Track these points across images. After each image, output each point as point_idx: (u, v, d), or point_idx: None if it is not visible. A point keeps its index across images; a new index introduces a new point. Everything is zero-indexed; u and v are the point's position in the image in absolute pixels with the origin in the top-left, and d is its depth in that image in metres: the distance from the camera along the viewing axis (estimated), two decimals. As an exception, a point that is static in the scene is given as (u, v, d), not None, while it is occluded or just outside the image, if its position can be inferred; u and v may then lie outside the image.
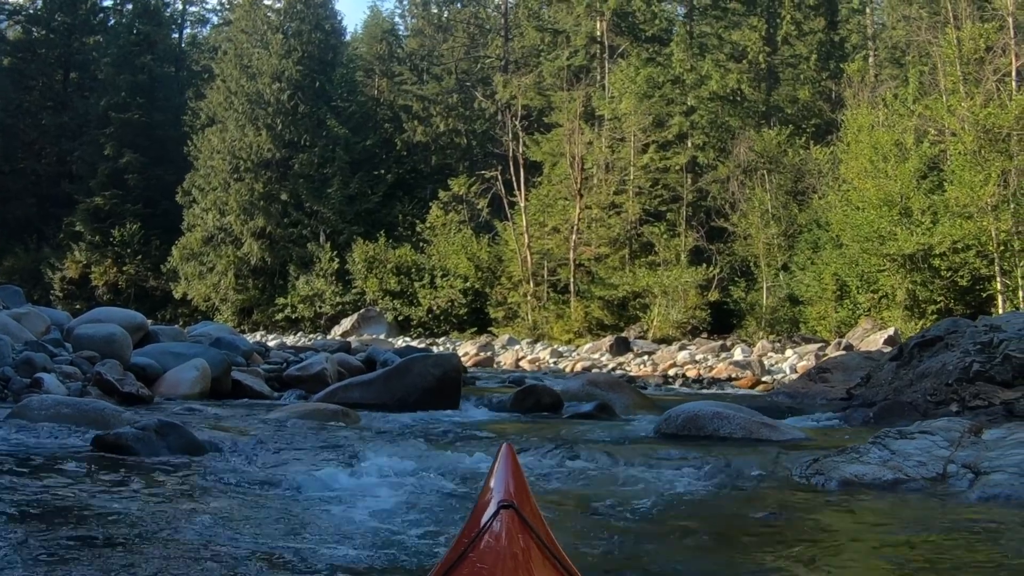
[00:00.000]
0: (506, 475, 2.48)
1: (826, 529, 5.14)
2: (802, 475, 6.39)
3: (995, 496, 5.63)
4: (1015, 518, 5.22)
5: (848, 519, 5.36)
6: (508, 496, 2.34)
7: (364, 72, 57.57)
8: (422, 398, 11.37)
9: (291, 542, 4.32)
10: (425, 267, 43.65)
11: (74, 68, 61.73)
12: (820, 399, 14.63)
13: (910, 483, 5.98)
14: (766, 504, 5.65)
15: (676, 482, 6.26)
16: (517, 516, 2.29)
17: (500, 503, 2.32)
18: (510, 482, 2.44)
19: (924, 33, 34.31)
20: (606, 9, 44.91)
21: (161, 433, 6.86)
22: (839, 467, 6.24)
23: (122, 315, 14.59)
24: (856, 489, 5.96)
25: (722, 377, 21.18)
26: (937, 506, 5.58)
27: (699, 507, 5.64)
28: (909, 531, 5.03)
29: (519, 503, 2.32)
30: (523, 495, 2.42)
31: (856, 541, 4.83)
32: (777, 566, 4.21)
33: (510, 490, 2.39)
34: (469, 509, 4.91)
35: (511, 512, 2.29)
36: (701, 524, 5.19)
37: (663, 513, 5.37)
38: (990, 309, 25.15)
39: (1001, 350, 12.09)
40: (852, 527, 5.16)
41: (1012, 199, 26.12)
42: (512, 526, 2.27)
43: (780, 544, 4.72)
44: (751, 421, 8.89)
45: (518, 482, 2.46)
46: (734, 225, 36.24)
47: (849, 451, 6.61)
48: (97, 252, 52.85)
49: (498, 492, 2.41)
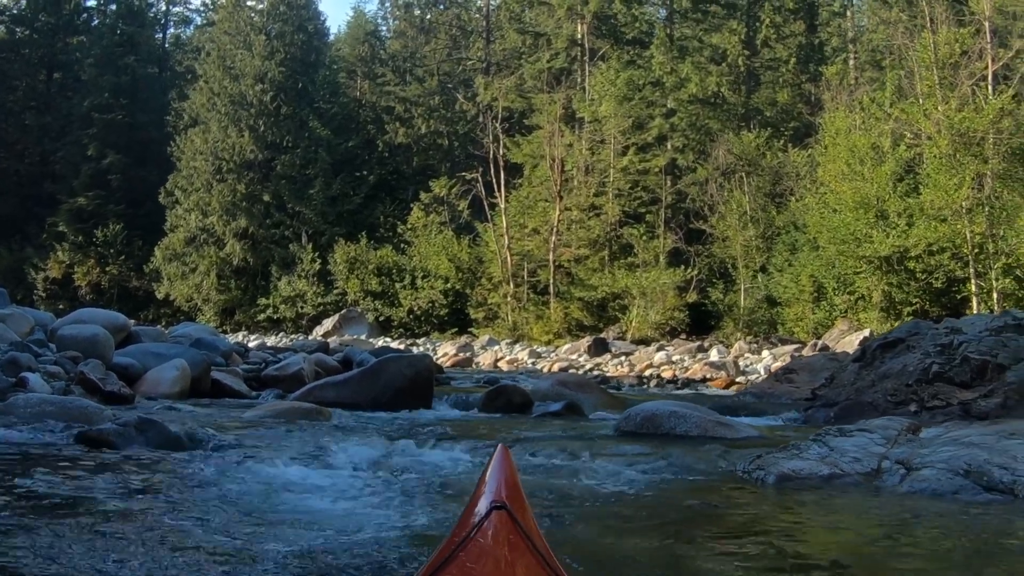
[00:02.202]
0: (500, 476, 2.49)
1: (755, 519, 5.52)
2: (745, 470, 6.74)
3: (922, 490, 6.00)
4: (936, 509, 5.60)
5: (777, 509, 5.74)
6: (500, 497, 2.36)
7: (347, 73, 57.68)
8: (395, 397, 11.62)
9: (255, 530, 4.62)
10: (406, 268, 43.82)
11: (57, 68, 61.68)
12: (786, 399, 14.90)
13: (845, 478, 6.34)
14: (705, 496, 6.01)
15: (625, 476, 6.60)
16: (509, 517, 2.30)
17: (492, 504, 2.34)
18: (503, 483, 2.45)
19: (901, 37, 34.56)
20: (587, 12, 45.21)
21: (141, 429, 7.22)
22: (779, 463, 6.60)
23: (105, 316, 14.82)
24: (793, 483, 6.30)
25: (697, 378, 21.39)
26: (866, 498, 5.95)
27: (642, 498, 5.96)
28: (834, 521, 5.42)
29: (512, 504, 2.34)
30: (516, 496, 2.44)
31: (781, 529, 5.19)
32: (703, 550, 4.55)
33: (502, 491, 2.40)
34: (437, 502, 5.32)
35: (503, 513, 2.30)
36: (639, 512, 5.54)
37: (607, 503, 5.71)
38: (965, 311, 25.26)
39: (960, 352, 12.35)
40: (780, 516, 5.54)
41: (986, 202, 26.37)
42: (503, 527, 2.28)
43: (709, 532, 5.08)
44: (706, 420, 9.22)
45: (511, 483, 2.47)
46: (712, 227, 36.53)
47: (791, 448, 6.97)
48: (80, 252, 52.84)
49: (490, 493, 2.42)
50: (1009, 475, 5.92)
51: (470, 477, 6.41)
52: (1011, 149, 26.86)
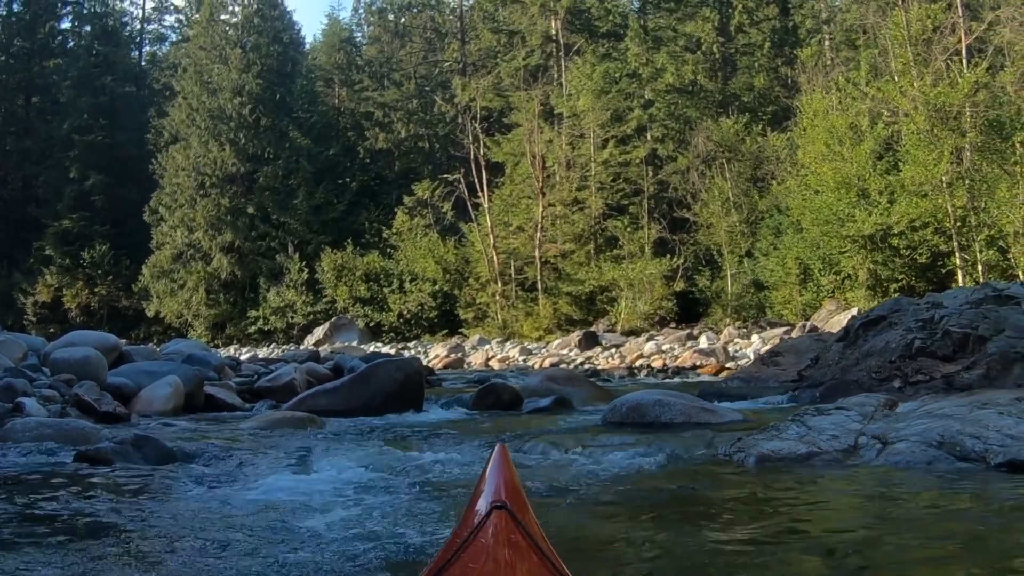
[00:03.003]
0: (499, 475, 2.49)
1: (735, 499, 5.70)
2: (726, 453, 6.93)
3: (897, 463, 6.19)
4: (910, 480, 5.79)
5: (757, 489, 5.91)
6: (500, 497, 2.36)
7: (324, 82, 57.80)
8: (386, 402, 11.72)
9: (250, 538, 4.79)
10: (394, 272, 44.06)
11: (35, 92, 61.66)
12: (773, 382, 15.06)
13: (823, 455, 6.52)
14: (685, 480, 6.20)
15: (609, 465, 6.77)
16: (510, 516, 2.30)
17: (492, 503, 2.34)
18: (503, 482, 2.44)
19: (873, 16, 34.74)
20: (560, 8, 45.47)
21: (137, 445, 7.38)
22: (758, 444, 6.78)
23: (96, 337, 14.91)
24: (773, 463, 6.48)
25: (687, 366, 21.60)
26: (843, 474, 6.14)
27: (625, 485, 6.13)
28: (811, 496, 5.60)
29: (512, 503, 2.34)
30: (516, 495, 2.44)
31: (759, 508, 5.37)
32: (684, 533, 4.70)
33: (502, 490, 2.40)
34: (425, 503, 5.49)
35: (503, 512, 2.30)
36: (622, 499, 5.72)
37: (590, 491, 5.86)
38: (951, 284, 25.47)
39: (942, 326, 12.47)
40: (759, 495, 5.72)
41: (966, 175, 26.64)
42: (504, 526, 2.28)
43: (689, 514, 5.25)
44: (690, 406, 9.41)
45: (511, 482, 2.47)
46: (696, 215, 36.81)
47: (770, 429, 7.15)
48: (68, 275, 53.02)
49: (490, 492, 2.42)
50: (981, 444, 6.10)
51: (458, 475, 6.61)
52: (987, 121, 26.96)
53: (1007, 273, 25.86)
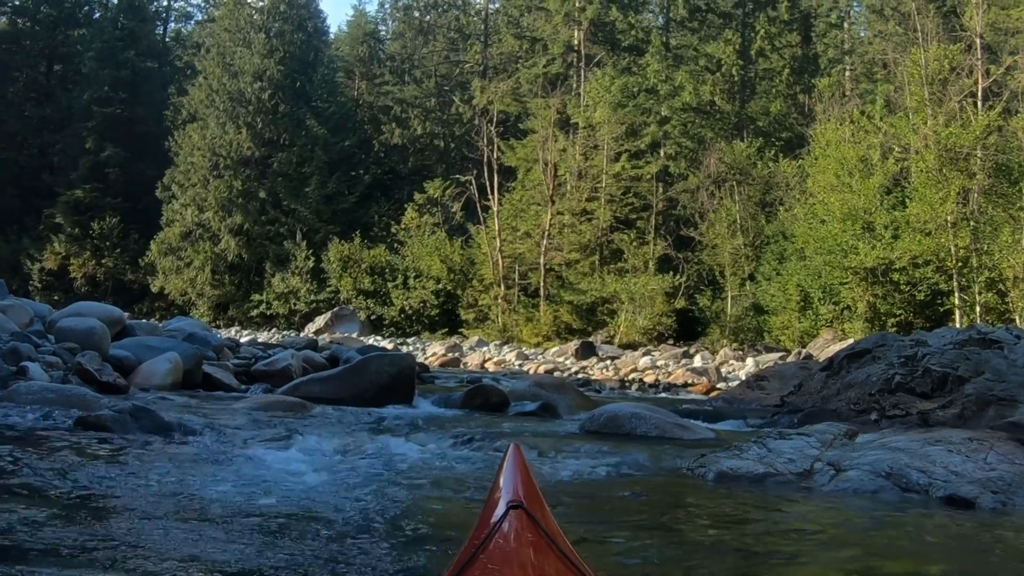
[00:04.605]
0: (515, 475, 2.52)
1: (686, 509, 6.11)
2: (689, 468, 7.29)
3: (846, 489, 6.54)
4: (854, 506, 6.16)
5: (709, 502, 6.30)
6: (517, 496, 2.39)
7: (345, 73, 58.16)
8: (377, 394, 12.04)
9: (233, 504, 5.24)
10: (399, 268, 44.33)
11: (58, 60, 62.05)
12: (755, 405, 15.30)
13: (778, 476, 6.86)
14: (644, 489, 6.56)
15: (577, 469, 7.14)
16: (527, 516, 2.33)
17: (509, 503, 2.37)
18: (519, 482, 2.47)
19: (892, 52, 34.97)
20: (584, 19, 45.73)
21: (135, 416, 7.82)
22: (719, 461, 7.14)
23: (101, 309, 15.23)
24: (730, 480, 6.83)
25: (679, 383, 21.64)
26: (793, 495, 6.49)
27: (586, 489, 6.53)
28: (759, 513, 5.97)
29: (528, 503, 2.38)
30: (532, 495, 2.46)
31: (708, 519, 5.78)
32: (632, 538, 5.05)
33: (519, 490, 2.43)
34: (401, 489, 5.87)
35: (520, 512, 2.34)
36: (580, 501, 6.08)
37: (551, 493, 6.23)
38: (948, 323, 25.63)
39: (923, 363, 12.72)
40: (709, 508, 6.12)
41: (971, 217, 26.78)
42: (522, 526, 2.32)
43: (638, 521, 5.62)
44: (665, 421, 9.75)
45: (527, 482, 2.50)
46: (702, 235, 37.02)
47: (733, 448, 7.52)
48: (76, 244, 53.18)
49: (507, 492, 2.45)
50: (926, 477, 6.47)
51: (433, 468, 7.02)
52: (996, 165, 27.21)
53: (1004, 316, 26.05)
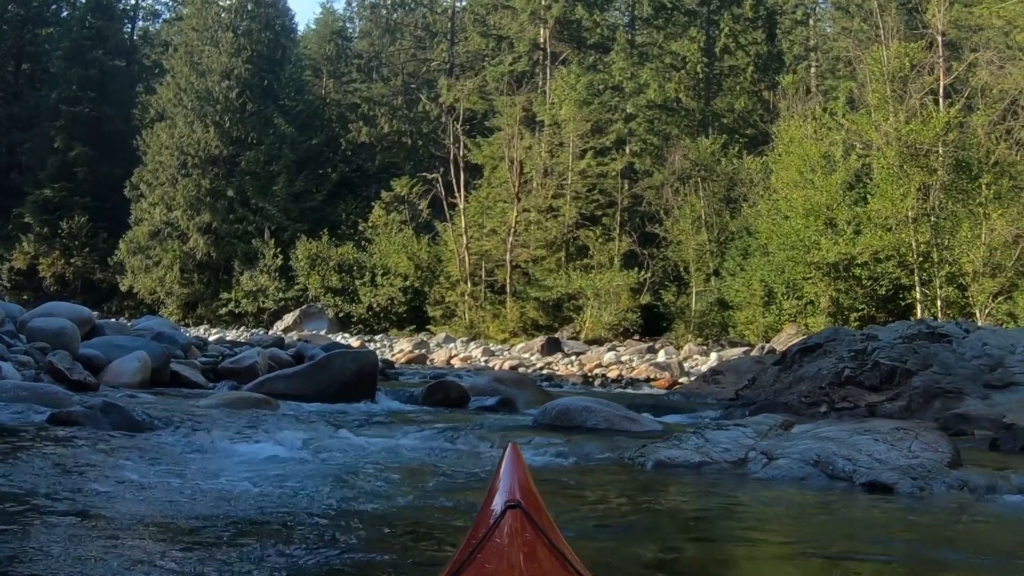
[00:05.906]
0: (512, 475, 2.50)
1: (621, 495, 6.56)
2: (630, 457, 7.71)
3: (776, 476, 7.01)
4: (781, 492, 6.61)
5: (644, 488, 6.76)
6: (514, 496, 2.38)
7: (312, 71, 58.19)
8: (340, 390, 12.36)
9: (197, 495, 5.62)
10: (366, 265, 44.52)
11: (26, 59, 61.63)
12: (711, 399, 15.75)
13: (714, 465, 7.30)
14: (584, 477, 7.02)
15: (526, 460, 7.54)
16: (524, 516, 2.32)
17: (507, 503, 2.35)
18: (516, 482, 2.46)
19: (855, 49, 35.27)
20: (549, 16, 46.00)
21: (105, 412, 8.19)
22: (658, 451, 7.56)
23: (71, 310, 15.50)
24: (668, 469, 7.26)
25: (641, 378, 21.82)
26: (724, 481, 6.95)
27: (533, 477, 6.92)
28: (691, 498, 6.44)
29: (526, 503, 2.36)
30: (530, 495, 2.45)
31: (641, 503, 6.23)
32: (564, 518, 5.40)
33: (516, 490, 2.41)
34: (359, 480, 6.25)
35: (518, 512, 2.32)
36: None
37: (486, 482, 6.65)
38: (910, 317, 25.75)
39: (873, 357, 13.17)
40: (644, 494, 6.58)
41: (931, 212, 27.11)
42: (519, 526, 2.30)
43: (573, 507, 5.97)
44: (615, 415, 10.17)
45: (524, 482, 2.49)
46: (667, 231, 37.25)
47: (672, 439, 7.94)
48: (45, 244, 53.09)
49: (504, 492, 2.44)
50: (851, 465, 6.90)
51: (395, 460, 7.42)
52: (956, 161, 27.48)
53: (965, 310, 26.34)
